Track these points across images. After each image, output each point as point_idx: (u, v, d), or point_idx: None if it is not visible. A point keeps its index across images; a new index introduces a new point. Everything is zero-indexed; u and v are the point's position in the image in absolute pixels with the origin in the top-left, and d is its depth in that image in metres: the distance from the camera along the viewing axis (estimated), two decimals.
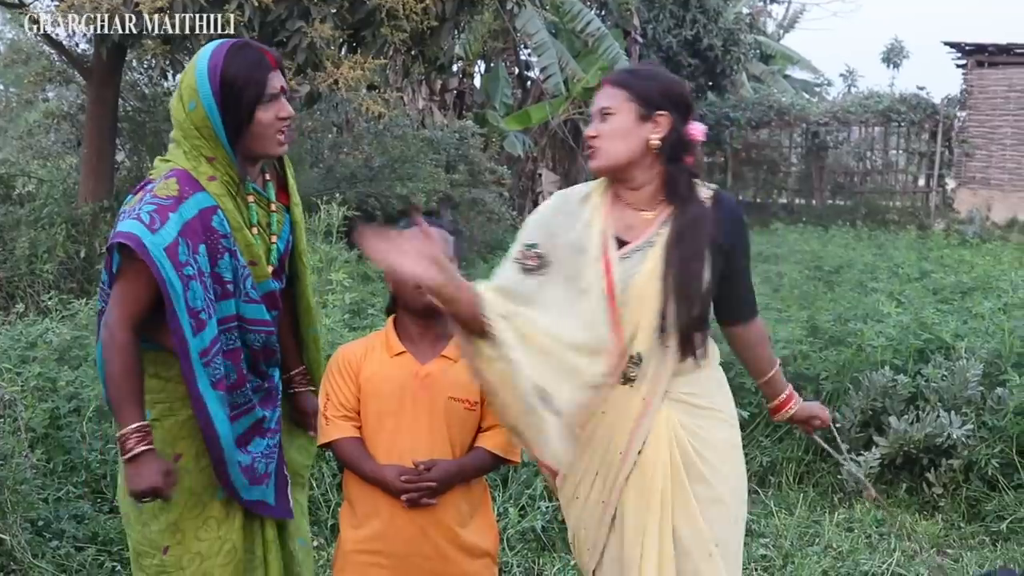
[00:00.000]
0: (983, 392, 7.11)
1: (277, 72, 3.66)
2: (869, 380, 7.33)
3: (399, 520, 3.73)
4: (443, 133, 13.90)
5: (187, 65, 3.70)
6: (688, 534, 3.58)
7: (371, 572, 3.80)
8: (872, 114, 24.99)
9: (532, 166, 18.56)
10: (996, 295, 10.19)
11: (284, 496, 3.88)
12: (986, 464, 6.80)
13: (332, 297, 7.61)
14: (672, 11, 22.40)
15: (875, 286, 10.73)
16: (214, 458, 3.56)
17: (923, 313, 8.66)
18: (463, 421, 3.79)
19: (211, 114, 3.53)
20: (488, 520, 4.00)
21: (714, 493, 3.60)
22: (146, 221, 3.38)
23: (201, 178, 3.56)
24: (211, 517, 3.71)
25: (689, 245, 3.55)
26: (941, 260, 13.95)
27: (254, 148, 3.63)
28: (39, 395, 6.00)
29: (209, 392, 3.49)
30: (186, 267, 3.40)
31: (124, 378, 3.44)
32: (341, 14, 9.38)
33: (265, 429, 3.78)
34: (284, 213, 3.90)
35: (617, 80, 3.65)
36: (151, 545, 3.67)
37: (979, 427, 6.91)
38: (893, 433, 6.92)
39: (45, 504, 5.45)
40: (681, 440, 3.60)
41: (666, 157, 3.59)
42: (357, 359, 3.82)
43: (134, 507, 3.62)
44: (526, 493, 6.24)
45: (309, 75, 9.35)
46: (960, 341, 7.69)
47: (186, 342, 3.41)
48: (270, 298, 3.76)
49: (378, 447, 3.77)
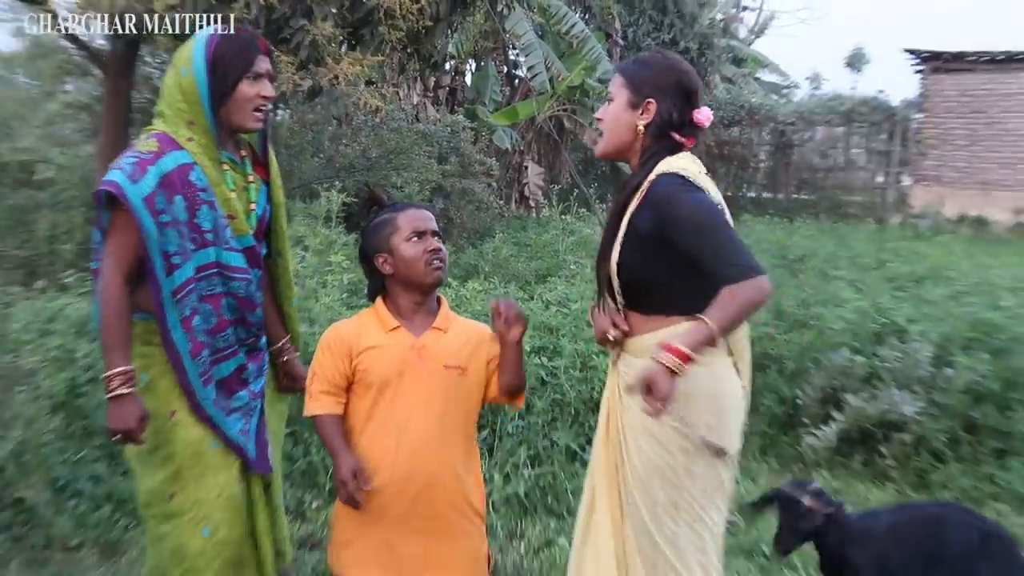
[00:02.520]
0: (933, 372, 7.15)
1: (265, 57, 3.83)
2: (829, 360, 7.40)
3: (399, 481, 3.76)
4: (436, 127, 13.89)
5: (186, 43, 3.84)
6: (628, 513, 3.60)
7: (370, 530, 3.82)
8: (835, 115, 25.05)
9: (519, 159, 18.52)
10: (947, 283, 10.28)
11: (264, 455, 3.99)
12: (934, 439, 6.89)
13: (331, 277, 7.62)
14: (651, 16, 22.42)
15: (836, 274, 10.77)
16: (180, 380, 3.72)
17: (879, 299, 8.73)
18: (456, 386, 3.83)
19: (199, 79, 3.71)
20: (479, 483, 4.04)
21: (629, 486, 3.57)
22: (128, 172, 3.57)
23: (180, 139, 3.74)
24: (209, 466, 3.82)
25: (608, 222, 3.64)
26: (897, 251, 14.00)
27: (232, 118, 3.79)
28: (58, 365, 6.02)
29: (176, 325, 3.68)
30: (162, 215, 3.59)
31: (115, 324, 3.60)
32: (341, 13, 9.38)
33: (245, 380, 3.92)
34: (262, 185, 4.01)
35: (620, 68, 3.71)
36: (157, 494, 3.78)
37: (929, 405, 6.95)
38: (850, 409, 6.99)
39: (64, 466, 5.48)
40: (621, 424, 3.62)
41: (653, 138, 3.61)
42: (351, 337, 3.84)
43: (140, 461, 3.79)
44: (510, 461, 6.28)
45: (311, 70, 9.34)
46: (913, 325, 7.76)
47: (158, 281, 3.61)
48: (251, 253, 3.90)
49: (375, 415, 3.80)
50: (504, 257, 11.07)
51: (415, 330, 3.86)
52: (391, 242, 3.84)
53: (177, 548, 3.78)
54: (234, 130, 3.87)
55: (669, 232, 3.40)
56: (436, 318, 3.91)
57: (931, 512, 4.55)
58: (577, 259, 10.79)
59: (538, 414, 6.52)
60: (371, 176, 11.75)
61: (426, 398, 3.79)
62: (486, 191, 13.65)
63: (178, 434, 3.76)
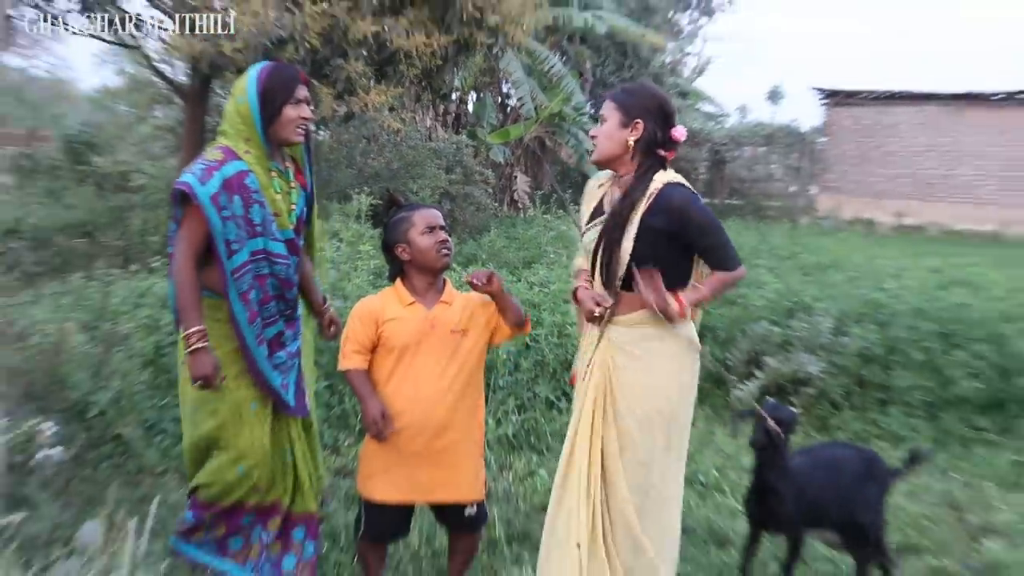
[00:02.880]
0: (832, 340, 7.18)
1: (304, 86, 3.87)
2: (752, 330, 7.42)
3: (417, 424, 3.82)
4: (444, 144, 13.80)
5: (242, 75, 3.90)
6: (608, 446, 3.61)
7: (392, 462, 3.86)
8: (758, 138, 25.15)
9: (510, 170, 18.44)
10: (843, 270, 10.29)
11: (302, 403, 4.02)
12: (833, 392, 6.92)
13: (360, 263, 7.60)
14: (615, 58, 22.33)
15: (757, 263, 10.73)
16: (239, 342, 3.78)
17: (791, 282, 8.72)
18: (460, 346, 3.88)
19: (252, 105, 3.75)
20: (481, 424, 4.07)
21: (625, 427, 3.60)
22: (198, 175, 3.63)
23: (239, 151, 3.76)
24: (246, 422, 3.87)
25: (614, 219, 3.58)
26: (805, 245, 13.98)
27: (279, 135, 3.82)
28: (147, 331, 5.97)
29: (236, 298, 3.72)
30: (224, 211, 3.64)
31: (188, 293, 3.65)
32: (370, 55, 9.34)
33: (283, 343, 3.95)
34: (300, 191, 4.03)
35: (612, 95, 3.68)
36: (203, 440, 3.89)
37: (829, 365, 6.98)
38: (768, 369, 7.00)
39: (152, 410, 5.45)
40: (611, 378, 3.63)
41: (643, 152, 3.61)
42: (376, 310, 3.88)
43: (194, 411, 3.89)
44: (501, 408, 6.30)
45: (346, 99, 9.30)
46: (818, 303, 7.76)
47: (222, 262, 3.66)
48: (291, 243, 3.93)
49: (397, 371, 3.85)
50: (497, 248, 11.07)
51: (427, 304, 3.90)
52: (408, 235, 3.88)
53: (217, 476, 3.90)
54: (280, 144, 3.89)
55: (685, 231, 3.52)
56: (443, 294, 3.95)
57: (832, 451, 4.62)
58: (556, 249, 10.80)
59: (523, 372, 6.53)
60: (392, 183, 11.70)
61: (437, 358, 3.84)
62: (484, 196, 13.59)
63: (225, 396, 3.80)
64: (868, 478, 4.29)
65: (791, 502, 4.14)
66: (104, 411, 5.15)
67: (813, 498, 4.18)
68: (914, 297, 7.98)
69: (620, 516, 3.58)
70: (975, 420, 6.52)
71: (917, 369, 6.88)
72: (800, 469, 4.20)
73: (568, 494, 3.61)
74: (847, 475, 4.28)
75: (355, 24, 8.83)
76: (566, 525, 3.59)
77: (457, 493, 3.92)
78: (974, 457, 6.16)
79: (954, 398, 6.64)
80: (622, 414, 3.59)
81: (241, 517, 4.01)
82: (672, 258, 3.54)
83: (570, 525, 3.57)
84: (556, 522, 3.65)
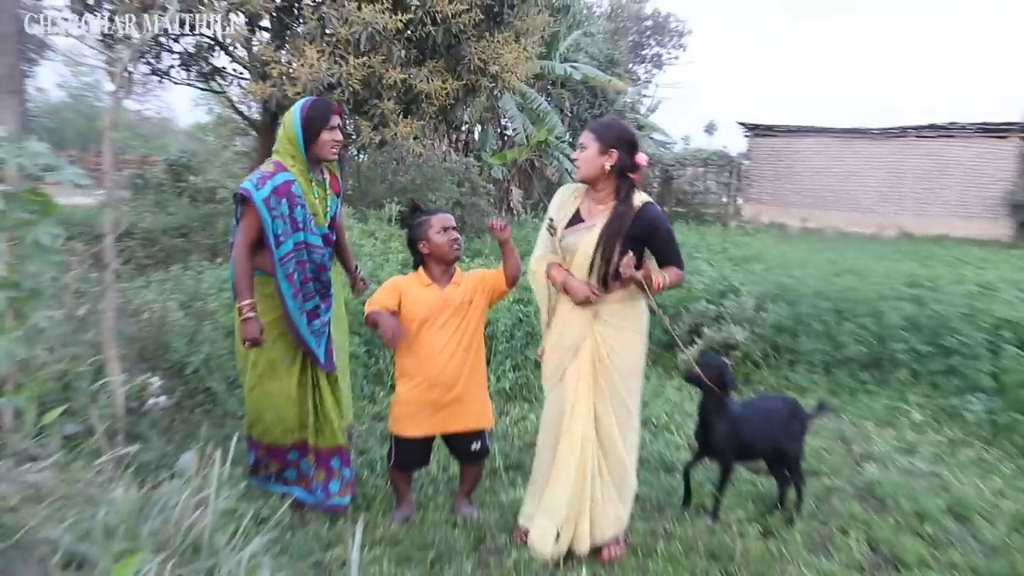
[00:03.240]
0: (754, 314, 7.16)
1: (337, 116, 3.90)
2: (694, 308, 7.41)
3: (434, 380, 3.85)
4: (456, 165, 13.75)
5: (290, 109, 3.95)
6: (600, 404, 3.65)
7: (416, 409, 3.90)
8: (698, 160, 25.06)
9: (507, 185, 18.40)
10: (762, 262, 10.31)
11: (330, 359, 4.03)
12: (754, 355, 6.91)
13: (391, 256, 7.62)
14: (587, 99, 22.28)
15: (698, 256, 10.75)
16: (286, 313, 3.83)
17: (723, 271, 8.74)
18: (467, 315, 3.91)
19: (297, 130, 3.81)
20: (484, 376, 4.08)
21: (613, 380, 3.65)
22: (254, 182, 3.72)
23: (287, 165, 3.82)
24: (277, 375, 3.94)
25: (611, 229, 3.58)
26: (734, 243, 13.99)
27: (318, 153, 3.87)
28: (228, 308, 5.93)
29: (283, 279, 3.78)
30: (273, 211, 3.70)
31: (242, 274, 3.72)
32: (399, 96, 9.34)
33: (318, 314, 3.96)
34: (334, 197, 4.07)
35: (591, 127, 3.66)
36: (250, 378, 3.95)
37: (751, 334, 6.97)
38: (706, 337, 6.99)
39: (232, 369, 5.43)
40: (602, 346, 3.64)
41: (617, 175, 3.61)
42: (402, 285, 3.94)
43: (243, 366, 3.97)
44: (500, 368, 6.28)
45: (380, 130, 9.30)
46: (743, 287, 7.76)
47: (272, 251, 3.72)
48: (325, 237, 3.97)
49: (418, 338, 3.87)
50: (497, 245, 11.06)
51: (442, 286, 3.92)
52: (428, 233, 3.91)
53: (258, 416, 4.00)
54: (319, 160, 3.92)
55: (653, 238, 3.60)
56: (453, 278, 3.96)
57: (765, 402, 4.61)
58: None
59: (517, 340, 6.50)
60: (416, 195, 11.66)
61: (450, 328, 3.86)
62: (486, 204, 13.55)
63: (264, 353, 3.88)
64: (792, 419, 4.29)
65: (725, 437, 4.16)
66: (197, 369, 5.14)
67: (746, 436, 4.18)
68: (815, 282, 8.00)
69: (613, 448, 3.65)
70: (860, 375, 6.53)
71: (817, 337, 6.89)
72: (738, 414, 4.20)
73: (572, 437, 3.62)
74: (777, 418, 4.28)
75: (388, 73, 8.81)
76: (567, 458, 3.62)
77: (468, 423, 3.96)
78: (858, 403, 6.18)
79: (844, 358, 6.66)
80: (610, 371, 3.63)
81: (287, 453, 4.08)
82: (636, 253, 3.55)
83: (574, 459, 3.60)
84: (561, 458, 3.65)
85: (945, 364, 6.27)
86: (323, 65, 8.37)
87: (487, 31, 9.79)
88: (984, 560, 3.78)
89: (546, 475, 3.72)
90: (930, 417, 5.86)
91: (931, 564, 3.76)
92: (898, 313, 6.84)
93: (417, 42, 9.39)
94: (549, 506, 3.64)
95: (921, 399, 6.08)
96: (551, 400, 3.78)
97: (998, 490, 4.64)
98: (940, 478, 4.80)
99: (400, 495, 4.11)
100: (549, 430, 3.75)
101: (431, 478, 4.55)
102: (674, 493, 4.45)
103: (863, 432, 5.61)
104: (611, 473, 3.68)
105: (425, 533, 3.87)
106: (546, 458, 3.75)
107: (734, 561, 3.70)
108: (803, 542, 3.93)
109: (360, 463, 4.69)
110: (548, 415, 3.78)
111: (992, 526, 4.16)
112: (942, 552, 3.88)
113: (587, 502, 3.64)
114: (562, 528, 3.60)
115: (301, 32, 8.91)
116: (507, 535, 3.88)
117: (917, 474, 4.86)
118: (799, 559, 3.74)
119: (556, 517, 3.60)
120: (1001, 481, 4.77)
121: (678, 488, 4.48)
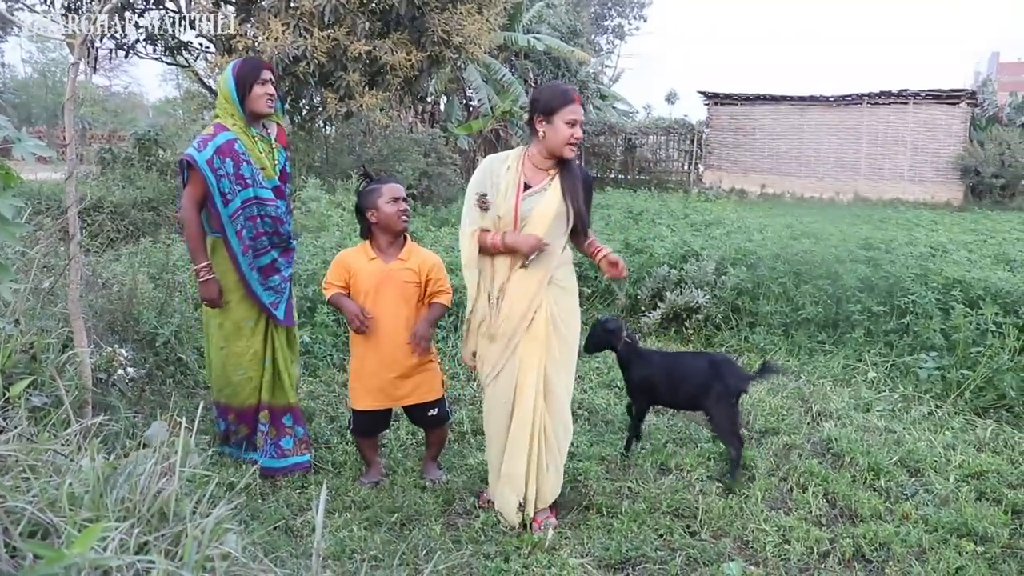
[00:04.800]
0: (715, 278, 7.16)
1: (268, 71, 3.94)
2: (656, 272, 7.36)
3: (385, 355, 3.83)
4: (422, 136, 13.63)
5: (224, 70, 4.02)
6: (551, 365, 3.58)
7: (371, 384, 3.88)
8: (660, 129, 25.01)
9: (473, 155, 18.32)
10: (723, 227, 10.31)
11: (290, 314, 4.11)
12: (716, 317, 6.92)
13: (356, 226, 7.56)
14: (550, 69, 22.19)
15: (659, 222, 10.74)
16: (236, 270, 3.88)
17: (685, 236, 8.72)
18: (412, 294, 3.85)
19: (231, 89, 3.87)
20: (431, 346, 3.98)
21: (566, 340, 3.62)
22: (196, 146, 3.81)
23: (227, 124, 3.88)
24: (243, 335, 4.00)
25: (575, 187, 3.57)
26: (695, 209, 13.99)
27: (253, 108, 3.90)
28: None
29: (232, 235, 3.83)
30: (218, 171, 3.78)
31: (195, 235, 3.83)
32: (364, 68, 9.21)
33: (277, 268, 4.02)
34: (281, 149, 4.11)
35: (581, 101, 3.62)
36: (216, 341, 4.01)
37: (712, 298, 6.97)
38: (668, 301, 6.96)
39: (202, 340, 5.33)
40: (553, 310, 3.57)
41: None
42: (349, 260, 3.89)
43: (208, 327, 4.05)
44: None
45: (346, 102, 9.20)
46: (704, 251, 7.75)
47: (219, 209, 3.79)
48: (277, 190, 4.02)
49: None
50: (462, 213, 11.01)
51: (387, 260, 3.86)
52: (377, 202, 3.83)
53: (226, 380, 4.05)
54: (256, 115, 3.94)
55: (588, 196, 3.69)
56: (401, 252, 3.88)
57: (686, 356, 4.71)
58: None
59: None
60: (383, 166, 11.58)
61: (394, 301, 3.82)
62: (453, 174, 13.48)
63: (229, 314, 3.95)
64: (715, 378, 4.18)
65: (636, 384, 4.35)
66: (167, 340, 5.07)
67: (659, 386, 4.32)
68: (774, 246, 8.03)
69: (560, 408, 3.61)
70: (817, 335, 6.57)
71: (776, 299, 6.92)
72: (656, 364, 4.35)
73: (524, 411, 3.54)
74: (696, 375, 4.24)
75: (352, 45, 8.68)
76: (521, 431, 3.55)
77: (419, 396, 3.92)
78: (816, 362, 6.22)
79: (802, 320, 6.68)
80: (563, 332, 3.59)
81: (256, 414, 4.11)
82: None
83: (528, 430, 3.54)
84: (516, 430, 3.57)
85: (899, 324, 6.32)
86: (288, 38, 8.23)
87: (450, 2, 9.65)
88: (935, 510, 3.83)
89: (499, 461, 3.65)
90: (884, 375, 5.91)
91: (885, 516, 3.80)
92: (854, 275, 6.87)
93: (381, 14, 9.25)
94: (508, 474, 3.59)
95: (876, 358, 6.13)
96: (497, 389, 3.61)
97: (948, 444, 4.69)
98: (894, 433, 4.84)
99: (368, 460, 4.08)
100: (499, 419, 3.62)
101: (400, 443, 4.51)
102: (638, 454, 4.45)
103: (821, 391, 5.65)
104: (555, 432, 3.60)
105: (394, 497, 3.84)
106: (498, 445, 3.65)
107: (697, 519, 3.71)
108: (763, 498, 3.95)
109: (331, 430, 4.65)
110: (494, 406, 3.63)
111: (943, 478, 4.22)
112: (896, 504, 3.92)
113: (535, 466, 3.58)
114: (523, 496, 3.58)
115: (266, 5, 8.74)
116: (475, 498, 3.86)
117: (872, 430, 4.90)
118: (759, 515, 3.76)
119: (516, 485, 3.57)
120: (951, 435, 4.83)
121: (642, 449, 4.49)
